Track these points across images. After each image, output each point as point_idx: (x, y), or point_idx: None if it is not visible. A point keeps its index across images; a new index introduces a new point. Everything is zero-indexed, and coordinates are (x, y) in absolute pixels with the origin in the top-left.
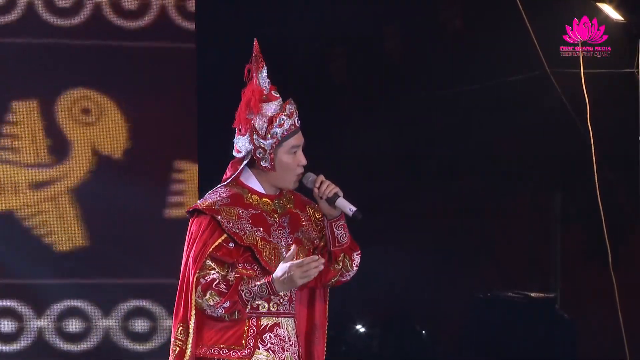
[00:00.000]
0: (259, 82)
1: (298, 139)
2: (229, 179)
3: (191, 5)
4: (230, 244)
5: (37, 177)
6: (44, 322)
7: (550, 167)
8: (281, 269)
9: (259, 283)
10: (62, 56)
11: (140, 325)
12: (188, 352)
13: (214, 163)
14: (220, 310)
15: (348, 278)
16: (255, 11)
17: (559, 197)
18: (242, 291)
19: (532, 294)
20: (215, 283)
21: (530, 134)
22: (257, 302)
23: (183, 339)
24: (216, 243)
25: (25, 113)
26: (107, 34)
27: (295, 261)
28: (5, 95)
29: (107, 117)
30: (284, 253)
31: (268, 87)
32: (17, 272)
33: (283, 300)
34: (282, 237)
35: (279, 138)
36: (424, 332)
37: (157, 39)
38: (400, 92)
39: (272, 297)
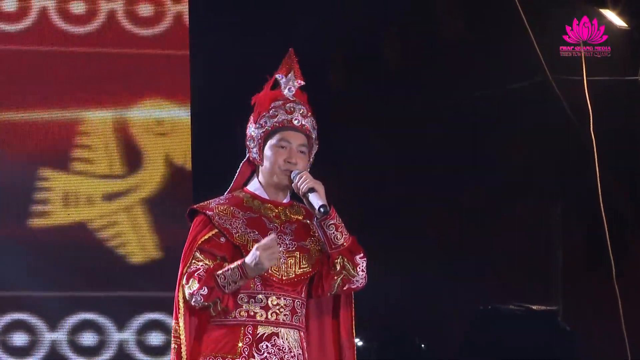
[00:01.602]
0: (282, 82)
1: (291, 136)
2: (234, 187)
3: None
4: (221, 239)
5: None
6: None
7: (551, 175)
8: (251, 253)
9: (232, 266)
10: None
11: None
12: (183, 349)
13: (208, 170)
14: (199, 298)
15: (358, 285)
16: (249, 19)
17: (560, 206)
18: (218, 276)
19: (534, 306)
20: (197, 272)
21: (531, 142)
22: (246, 308)
23: (177, 335)
24: (206, 236)
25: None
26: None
27: (261, 242)
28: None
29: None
30: (282, 259)
31: (289, 91)
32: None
33: (283, 310)
34: (282, 243)
35: (268, 129)
36: (423, 345)
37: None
38: (399, 101)
39: (269, 304)
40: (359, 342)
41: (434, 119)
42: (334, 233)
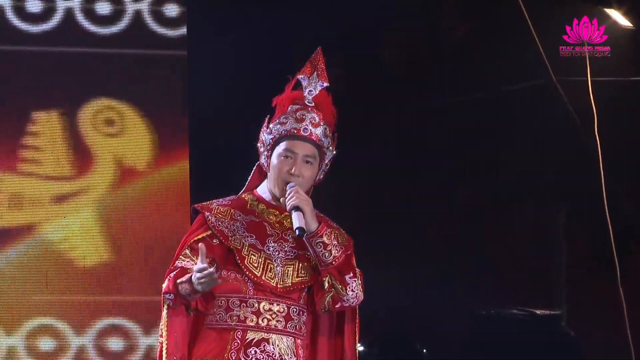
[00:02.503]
0: (304, 83)
1: (297, 146)
2: (247, 188)
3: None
4: (215, 241)
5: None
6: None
7: (554, 178)
8: (193, 274)
9: (184, 279)
10: (81, 65)
11: None
12: (164, 348)
13: (206, 168)
14: (168, 301)
15: (351, 304)
16: (247, 19)
17: (564, 210)
18: (178, 284)
19: (537, 311)
20: (175, 272)
21: (534, 144)
22: (237, 312)
23: (161, 333)
24: (199, 236)
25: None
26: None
27: (198, 266)
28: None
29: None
30: (279, 266)
31: (309, 94)
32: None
33: (276, 315)
34: (281, 250)
35: (276, 136)
36: (424, 350)
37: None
38: (399, 102)
39: (261, 310)
40: (360, 347)
41: (434, 121)
42: (322, 251)
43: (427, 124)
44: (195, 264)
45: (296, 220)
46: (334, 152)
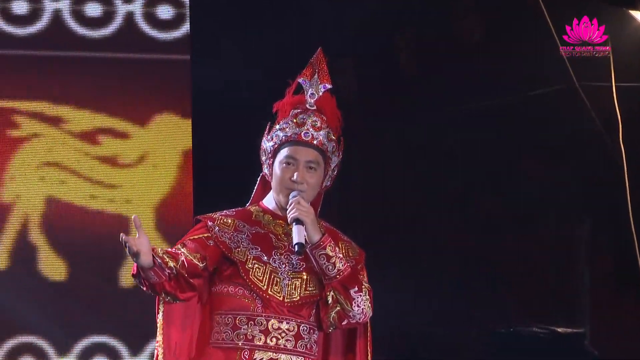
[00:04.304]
0: (305, 86)
1: (299, 152)
2: (252, 200)
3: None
4: (210, 242)
5: None
6: None
7: (578, 189)
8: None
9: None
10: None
11: None
12: (160, 353)
13: (210, 177)
14: (140, 285)
15: (358, 320)
16: (252, 21)
17: (587, 223)
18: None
19: (558, 329)
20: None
21: (555, 153)
22: (245, 331)
23: (159, 344)
24: (196, 236)
25: None
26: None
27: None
28: None
29: None
30: (285, 280)
31: (310, 97)
32: None
33: (286, 334)
34: (288, 263)
35: (277, 143)
36: None
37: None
38: (413, 109)
39: (270, 328)
40: None
41: (449, 128)
42: (325, 264)
43: (442, 130)
44: (185, 256)
45: (296, 235)
46: (341, 157)
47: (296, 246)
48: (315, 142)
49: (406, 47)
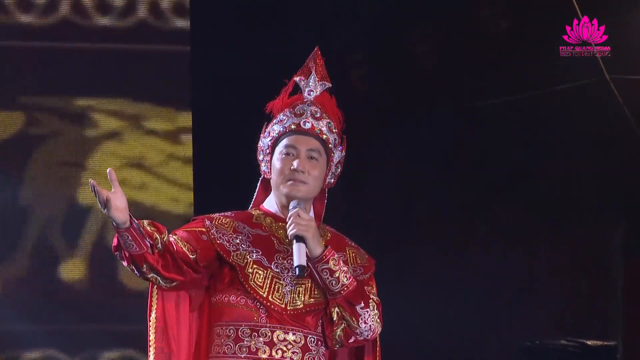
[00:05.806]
0: (301, 85)
1: (299, 141)
2: (252, 206)
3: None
4: (203, 236)
5: None
6: None
7: (610, 193)
8: None
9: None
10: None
11: None
12: (152, 351)
13: (210, 170)
14: (120, 259)
15: (366, 337)
16: (256, 11)
17: (620, 229)
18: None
19: (588, 342)
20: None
21: (585, 153)
22: (248, 343)
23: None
24: (189, 229)
25: None
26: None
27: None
28: None
29: None
30: (288, 286)
31: (308, 95)
32: None
33: (292, 346)
34: (291, 268)
35: (275, 136)
36: None
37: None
38: (432, 105)
39: (275, 340)
40: None
41: (471, 125)
42: (328, 278)
43: (461, 131)
44: (174, 240)
45: (296, 255)
46: (344, 154)
47: (297, 269)
48: (315, 130)
49: (423, 40)
